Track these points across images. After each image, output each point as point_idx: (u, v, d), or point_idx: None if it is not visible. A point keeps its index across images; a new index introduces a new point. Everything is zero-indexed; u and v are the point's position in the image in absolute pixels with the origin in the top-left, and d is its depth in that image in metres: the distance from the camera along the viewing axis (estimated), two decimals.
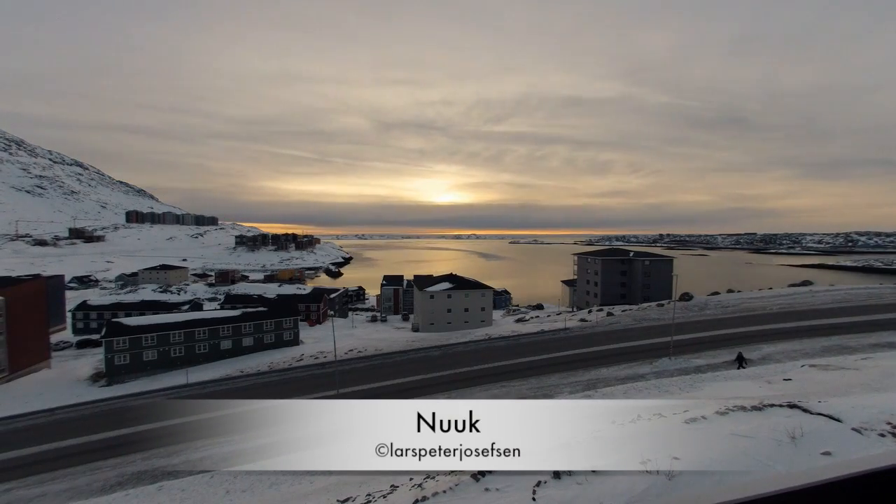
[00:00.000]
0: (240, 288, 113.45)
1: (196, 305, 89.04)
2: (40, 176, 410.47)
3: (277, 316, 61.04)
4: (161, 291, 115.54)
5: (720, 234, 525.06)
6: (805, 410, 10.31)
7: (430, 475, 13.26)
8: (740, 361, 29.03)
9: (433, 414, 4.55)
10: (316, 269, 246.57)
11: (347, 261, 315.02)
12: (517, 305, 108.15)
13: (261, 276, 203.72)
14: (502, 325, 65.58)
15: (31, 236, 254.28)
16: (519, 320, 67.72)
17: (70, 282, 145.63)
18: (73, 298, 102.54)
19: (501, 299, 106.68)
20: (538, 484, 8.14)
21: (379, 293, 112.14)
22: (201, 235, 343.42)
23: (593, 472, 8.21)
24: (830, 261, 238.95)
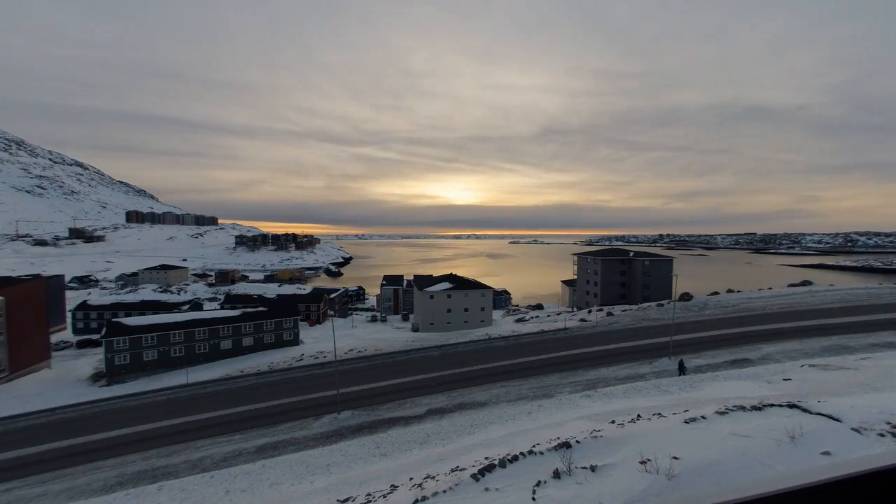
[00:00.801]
0: (240, 288, 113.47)
1: (196, 305, 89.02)
2: (40, 176, 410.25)
3: (277, 316, 61.05)
4: (161, 291, 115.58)
5: (720, 234, 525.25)
6: (805, 410, 10.33)
7: (430, 475, 13.27)
8: (681, 369, 29.29)
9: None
10: (316, 269, 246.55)
11: (347, 261, 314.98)
12: (517, 305, 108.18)
13: (261, 276, 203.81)
14: (502, 325, 65.58)
15: (31, 236, 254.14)
16: (519, 320, 67.73)
17: (70, 282, 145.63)
18: (73, 298, 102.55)
19: (501, 299, 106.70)
20: (538, 484, 8.15)
21: (379, 293, 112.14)
22: (201, 235, 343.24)
23: (593, 471, 8.23)
24: (830, 261, 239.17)
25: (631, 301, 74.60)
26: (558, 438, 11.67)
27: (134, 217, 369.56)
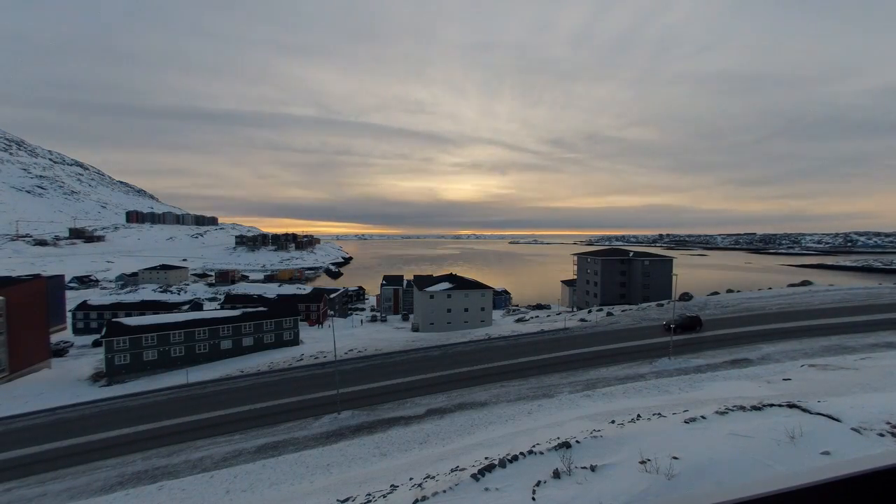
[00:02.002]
0: (240, 288, 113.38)
1: (196, 305, 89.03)
2: (41, 176, 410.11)
3: (277, 316, 61.04)
4: (161, 291, 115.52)
5: (720, 234, 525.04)
6: (804, 410, 10.34)
7: (430, 475, 13.28)
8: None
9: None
10: (316, 269, 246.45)
11: (347, 261, 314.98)
12: (517, 305, 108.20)
13: (261, 276, 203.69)
14: (502, 325, 65.60)
15: (31, 236, 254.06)
16: (519, 320, 67.73)
17: (70, 282, 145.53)
18: (73, 298, 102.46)
19: (501, 299, 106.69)
20: (538, 484, 8.15)
21: (379, 293, 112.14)
22: (201, 235, 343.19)
23: (593, 471, 8.24)
24: (830, 261, 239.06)
25: (631, 301, 74.60)
26: (558, 438, 11.68)
27: (134, 217, 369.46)
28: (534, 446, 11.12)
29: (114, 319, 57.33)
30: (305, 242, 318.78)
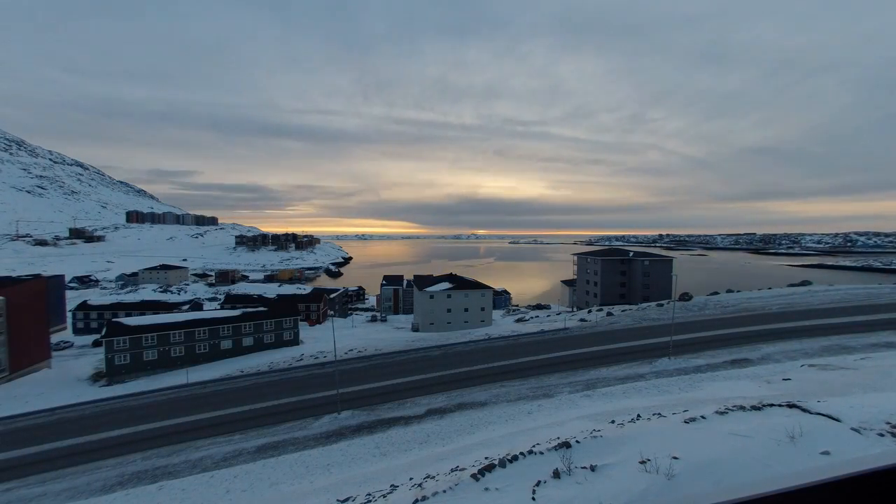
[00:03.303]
0: (240, 288, 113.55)
1: (196, 305, 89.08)
2: (41, 176, 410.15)
3: (277, 316, 61.04)
4: (161, 291, 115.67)
5: (720, 234, 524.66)
6: (804, 410, 10.34)
7: (430, 475, 13.29)
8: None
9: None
10: (316, 269, 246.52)
11: (347, 261, 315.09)
12: (517, 305, 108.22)
13: (261, 276, 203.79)
14: (502, 325, 65.59)
15: (31, 236, 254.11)
16: (519, 320, 67.74)
17: (70, 282, 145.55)
18: (73, 298, 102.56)
19: (501, 299, 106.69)
20: (538, 483, 8.16)
21: (379, 293, 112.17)
22: (201, 235, 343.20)
23: (593, 471, 8.24)
24: (829, 261, 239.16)
25: (631, 301, 74.60)
26: (558, 438, 11.68)
27: (134, 217, 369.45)
28: (534, 446, 11.13)
29: (114, 319, 57.32)
30: (305, 242, 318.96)
